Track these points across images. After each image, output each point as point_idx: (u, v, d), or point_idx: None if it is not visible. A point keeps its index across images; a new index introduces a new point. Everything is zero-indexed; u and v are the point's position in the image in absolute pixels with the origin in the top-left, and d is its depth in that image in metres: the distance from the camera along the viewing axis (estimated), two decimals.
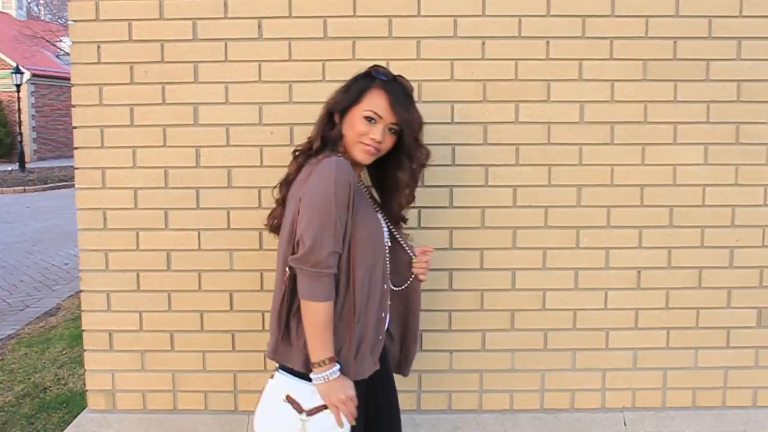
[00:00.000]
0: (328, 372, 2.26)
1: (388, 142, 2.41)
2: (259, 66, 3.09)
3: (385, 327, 2.49)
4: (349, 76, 2.59)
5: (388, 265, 2.49)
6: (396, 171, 2.49)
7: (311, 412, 2.28)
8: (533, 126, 3.13)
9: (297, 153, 2.49)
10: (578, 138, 3.15)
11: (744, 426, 3.25)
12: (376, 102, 2.37)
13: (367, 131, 2.36)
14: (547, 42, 3.08)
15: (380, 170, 2.55)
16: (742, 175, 3.18)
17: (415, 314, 2.65)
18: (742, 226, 3.21)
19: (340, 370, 2.28)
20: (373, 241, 2.39)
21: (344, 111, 2.42)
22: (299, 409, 2.29)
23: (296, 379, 2.31)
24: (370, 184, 2.65)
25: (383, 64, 2.97)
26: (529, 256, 3.20)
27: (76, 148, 3.17)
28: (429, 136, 3.00)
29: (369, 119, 2.36)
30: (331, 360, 2.27)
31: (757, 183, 3.19)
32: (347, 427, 2.29)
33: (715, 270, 3.23)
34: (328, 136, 2.43)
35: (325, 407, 2.28)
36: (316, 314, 2.26)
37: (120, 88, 3.12)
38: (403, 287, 2.58)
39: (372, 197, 2.61)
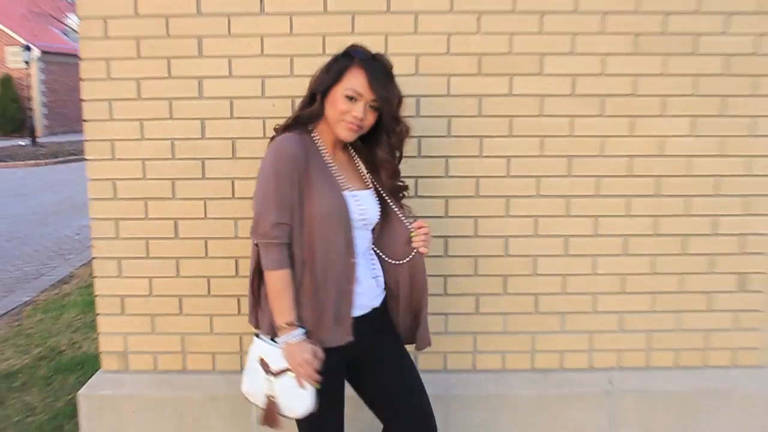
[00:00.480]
0: (288, 336, 2.31)
1: (370, 119, 2.38)
2: (262, 40, 3.02)
3: (353, 298, 2.42)
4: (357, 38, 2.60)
5: (357, 239, 2.44)
6: (376, 146, 2.47)
7: (277, 374, 2.34)
8: (526, 99, 3.08)
9: (274, 131, 2.49)
10: (570, 110, 3.10)
11: (722, 384, 3.25)
12: (355, 80, 2.33)
13: (348, 109, 2.33)
14: (541, 16, 3.01)
15: (366, 146, 2.52)
16: (728, 146, 3.14)
17: (421, 288, 2.57)
18: (725, 196, 3.18)
19: (306, 335, 2.32)
20: (331, 216, 2.36)
21: (326, 91, 2.39)
22: (267, 370, 2.38)
23: (268, 342, 2.38)
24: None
25: (381, 38, 2.99)
26: (521, 224, 3.17)
27: (85, 121, 3.11)
28: (425, 108, 2.99)
29: (350, 98, 2.33)
30: (290, 325, 2.32)
31: (741, 154, 3.15)
32: (310, 389, 2.31)
33: (698, 237, 3.22)
34: (302, 114, 2.44)
35: (289, 369, 2.32)
36: (271, 282, 2.34)
37: (127, 63, 3.05)
38: (404, 261, 2.51)
39: (359, 174, 2.54)
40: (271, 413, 2.40)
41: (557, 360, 3.30)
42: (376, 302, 2.51)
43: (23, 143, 25.37)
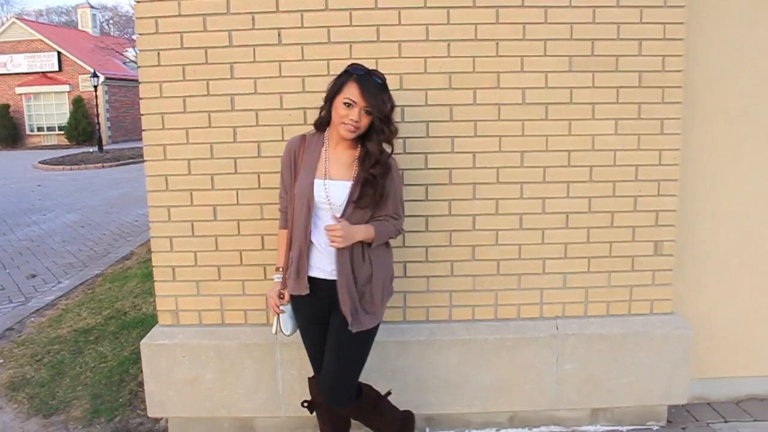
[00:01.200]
0: (274, 276, 2.71)
1: (365, 121, 2.45)
2: (280, 65, 3.06)
3: (307, 260, 2.55)
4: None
5: (317, 217, 2.54)
6: (367, 141, 2.51)
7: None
8: (487, 107, 3.10)
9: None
10: (521, 115, 3.12)
11: (643, 328, 3.27)
12: (351, 91, 2.42)
13: (346, 114, 2.42)
14: (497, 43, 3.05)
15: (360, 143, 2.55)
16: (643, 142, 3.16)
17: (346, 272, 2.53)
18: (643, 181, 3.19)
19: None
20: (301, 196, 2.53)
21: (331, 100, 2.49)
22: None
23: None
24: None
25: (373, 62, 2.98)
26: (486, 205, 3.18)
27: (144, 130, 3.14)
28: (408, 115, 3.03)
29: (347, 104, 2.42)
30: (277, 270, 2.70)
31: (655, 148, 3.16)
32: (276, 317, 2.70)
33: (623, 213, 3.22)
34: (317, 119, 2.61)
35: None
36: (277, 237, 2.74)
37: (175, 84, 3.10)
38: (329, 247, 2.52)
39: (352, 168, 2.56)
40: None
41: (515, 311, 3.30)
42: (335, 275, 2.53)
43: (92, 150, 25.60)
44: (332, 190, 2.51)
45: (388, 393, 2.89)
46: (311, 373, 2.87)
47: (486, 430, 3.37)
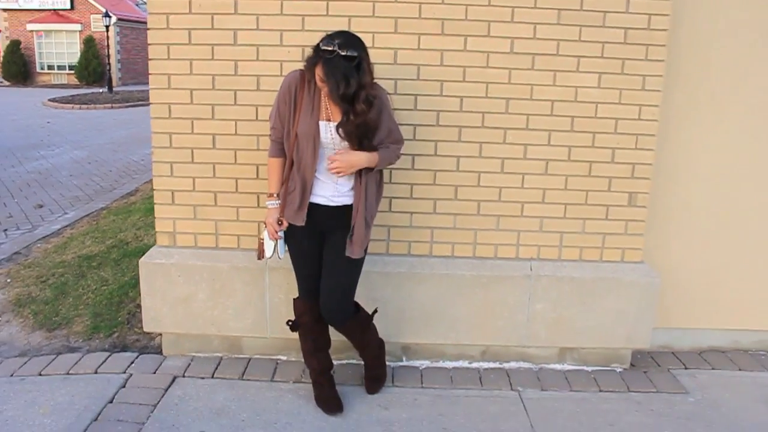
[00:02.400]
0: (269, 202, 2.87)
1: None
2: (281, 3, 3.18)
3: (308, 194, 2.77)
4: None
5: (323, 155, 2.75)
6: (341, 122, 2.65)
7: (266, 226, 2.89)
8: (476, 54, 3.22)
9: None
10: (508, 64, 3.24)
11: (613, 274, 3.44)
12: (319, 71, 2.56)
13: (322, 85, 2.60)
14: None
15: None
16: (624, 97, 3.28)
17: (354, 204, 2.80)
18: (622, 134, 3.32)
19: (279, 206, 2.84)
20: (303, 135, 2.71)
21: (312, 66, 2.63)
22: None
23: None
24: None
25: (369, 6, 3.12)
26: (470, 148, 3.33)
27: (150, 59, 3.27)
28: (400, 87, 3.15)
29: (322, 80, 2.57)
30: (271, 196, 2.86)
31: (635, 103, 3.28)
32: (272, 241, 2.87)
33: (601, 164, 3.36)
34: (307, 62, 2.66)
35: None
36: (268, 164, 2.90)
37: (181, 16, 3.21)
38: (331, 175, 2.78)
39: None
40: (259, 250, 2.92)
41: (492, 251, 3.46)
42: (335, 202, 2.80)
43: (101, 91, 25.75)
44: (334, 131, 2.70)
45: (375, 311, 3.19)
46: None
47: (459, 362, 3.60)
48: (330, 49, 2.48)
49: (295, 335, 3.13)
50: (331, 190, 2.80)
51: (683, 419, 3.15)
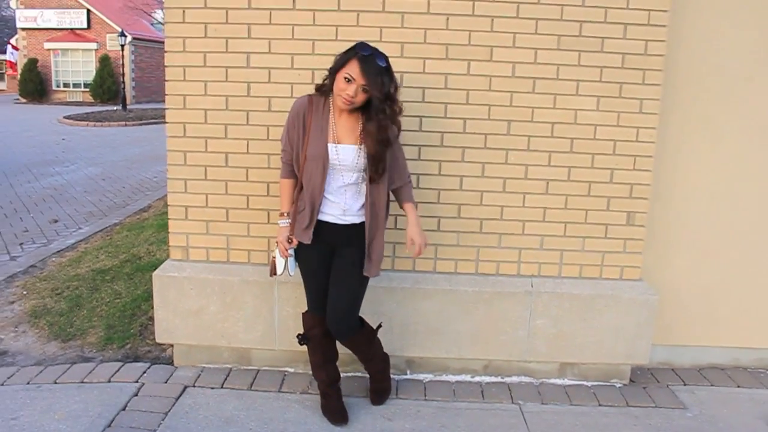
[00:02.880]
0: (279, 221, 2.99)
1: (360, 98, 2.73)
2: (293, 28, 3.33)
3: (316, 214, 2.89)
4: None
5: (331, 176, 2.87)
6: (366, 124, 2.79)
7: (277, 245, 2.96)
8: (479, 78, 3.34)
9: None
10: (510, 87, 3.34)
11: (612, 291, 3.53)
12: (353, 68, 2.68)
13: (345, 88, 2.70)
14: (492, 19, 3.28)
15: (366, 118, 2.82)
16: (622, 119, 3.38)
17: (369, 224, 2.93)
18: (620, 155, 3.42)
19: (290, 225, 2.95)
20: (312, 157, 2.83)
21: (335, 72, 2.75)
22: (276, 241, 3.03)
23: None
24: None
25: (377, 31, 3.25)
26: (473, 168, 3.42)
27: (167, 81, 3.41)
28: (406, 109, 3.17)
29: (347, 80, 2.69)
30: (282, 215, 2.98)
31: (633, 125, 3.39)
32: (283, 259, 2.98)
33: (600, 184, 3.45)
34: (323, 85, 2.83)
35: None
36: (280, 184, 3.01)
37: (197, 40, 3.36)
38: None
39: (355, 133, 2.85)
40: (271, 267, 3.03)
41: (494, 268, 3.55)
42: (345, 221, 2.92)
43: (115, 108, 26.12)
44: (342, 153, 2.84)
45: (379, 326, 3.30)
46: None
47: (462, 376, 3.70)
48: (367, 51, 2.66)
49: (303, 348, 3.23)
50: (341, 210, 2.91)
51: None
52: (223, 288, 3.54)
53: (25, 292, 4.92)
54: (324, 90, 2.87)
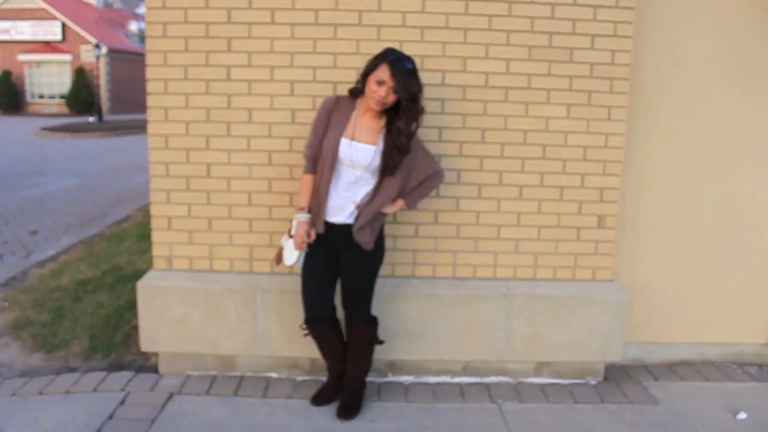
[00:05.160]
0: (299, 215, 2.95)
1: (391, 99, 2.85)
2: (272, 42, 3.35)
3: (326, 206, 2.99)
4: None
5: (340, 171, 2.96)
6: (397, 121, 2.90)
7: (290, 236, 3.01)
8: (454, 88, 3.40)
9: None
10: (483, 97, 3.41)
11: (585, 292, 3.59)
12: (383, 72, 2.80)
13: (376, 90, 2.82)
14: (465, 32, 3.35)
15: (390, 119, 2.94)
16: (592, 126, 3.46)
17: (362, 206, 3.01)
18: (590, 161, 3.50)
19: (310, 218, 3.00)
20: (328, 151, 2.92)
21: (366, 75, 2.87)
22: (288, 232, 3.09)
23: (296, 217, 3.04)
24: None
25: (354, 44, 3.29)
26: (449, 175, 3.40)
27: (148, 94, 3.41)
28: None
29: (378, 82, 2.81)
30: (301, 209, 2.97)
31: (602, 132, 3.46)
32: (297, 251, 3.02)
33: (571, 189, 3.52)
34: (355, 87, 2.97)
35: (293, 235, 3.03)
36: (301, 179, 3.07)
37: (178, 54, 3.38)
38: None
39: (376, 134, 2.96)
40: (278, 256, 3.09)
41: (471, 271, 3.60)
42: (351, 220, 3.00)
43: (92, 120, 25.72)
44: (357, 151, 2.93)
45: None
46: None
47: (442, 377, 3.74)
48: (396, 55, 2.80)
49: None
50: (341, 210, 3.00)
51: (653, 427, 3.31)
52: (206, 296, 3.54)
53: (6, 304, 4.87)
54: (355, 92, 2.99)
